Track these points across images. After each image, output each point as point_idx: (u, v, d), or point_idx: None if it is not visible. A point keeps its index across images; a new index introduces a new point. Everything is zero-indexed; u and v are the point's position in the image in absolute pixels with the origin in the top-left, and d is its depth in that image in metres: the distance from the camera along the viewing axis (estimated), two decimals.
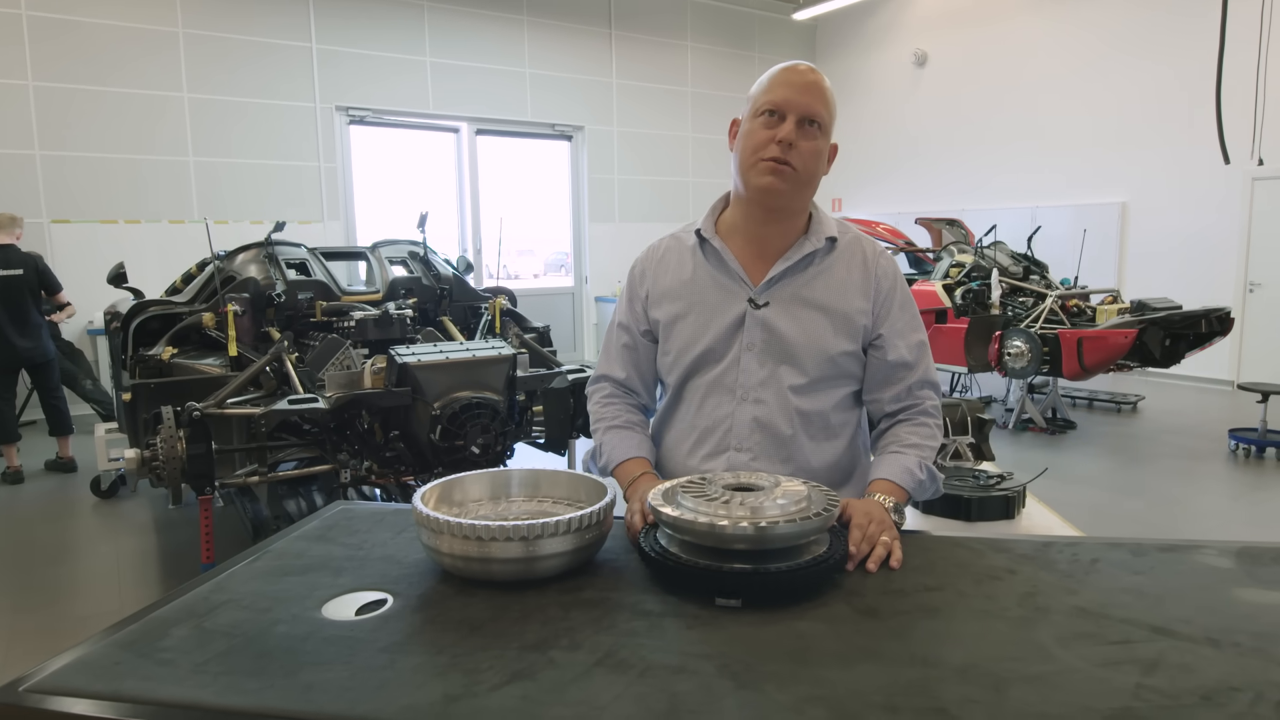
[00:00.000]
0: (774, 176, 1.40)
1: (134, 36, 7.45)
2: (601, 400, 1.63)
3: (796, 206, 1.48)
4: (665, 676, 0.89)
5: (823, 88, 1.42)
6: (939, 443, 1.49)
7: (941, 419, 1.52)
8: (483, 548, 1.09)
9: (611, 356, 1.63)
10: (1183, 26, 8.11)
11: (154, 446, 3.12)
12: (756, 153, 1.41)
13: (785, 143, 1.38)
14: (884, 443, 1.50)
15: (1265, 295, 7.88)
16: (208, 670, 0.92)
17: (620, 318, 1.62)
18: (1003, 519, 2.65)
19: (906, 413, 1.51)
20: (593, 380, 1.66)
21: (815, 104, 1.40)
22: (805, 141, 1.40)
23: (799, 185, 1.43)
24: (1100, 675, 0.88)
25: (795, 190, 1.43)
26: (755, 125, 1.42)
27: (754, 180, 1.43)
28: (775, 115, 1.40)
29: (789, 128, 1.38)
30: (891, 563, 1.20)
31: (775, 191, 1.42)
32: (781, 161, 1.39)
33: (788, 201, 1.45)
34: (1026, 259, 7.18)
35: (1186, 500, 4.84)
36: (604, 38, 10.18)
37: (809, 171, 1.42)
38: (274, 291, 4.14)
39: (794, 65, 1.44)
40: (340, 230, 8.69)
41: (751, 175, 1.43)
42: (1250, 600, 1.08)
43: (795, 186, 1.42)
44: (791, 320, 1.46)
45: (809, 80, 1.41)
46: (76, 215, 7.31)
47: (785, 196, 1.44)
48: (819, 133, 1.41)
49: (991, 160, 9.94)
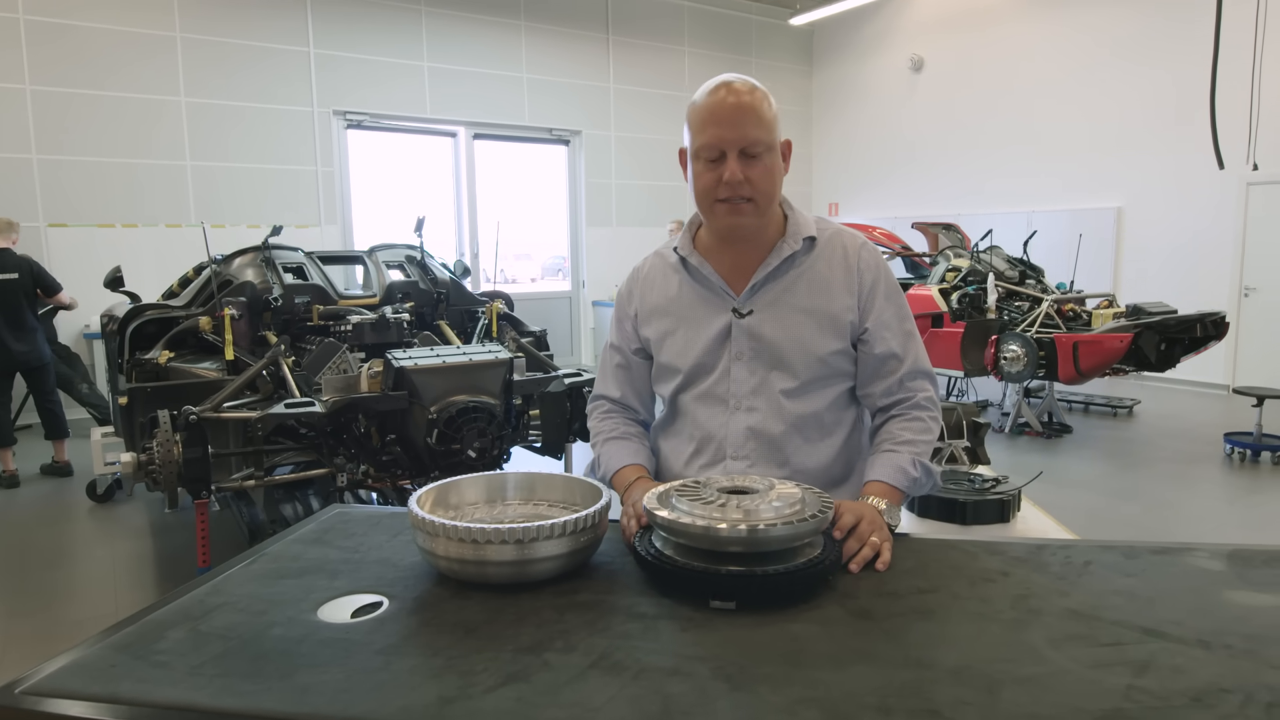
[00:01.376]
0: (734, 217, 1.41)
1: (131, 41, 7.46)
2: (600, 416, 1.66)
3: (764, 225, 1.48)
4: (660, 678, 0.90)
5: (752, 107, 1.36)
6: (935, 435, 1.48)
7: (938, 410, 1.50)
8: (478, 550, 1.10)
9: (607, 377, 1.65)
10: (1178, 32, 8.15)
11: (150, 450, 3.11)
12: (709, 195, 1.40)
13: (734, 182, 1.37)
14: (878, 440, 1.50)
15: (1260, 299, 7.91)
16: (204, 673, 0.92)
17: (612, 339, 1.64)
18: (998, 522, 2.65)
19: (899, 407, 1.50)
20: (591, 399, 1.70)
21: (749, 130, 1.35)
22: (753, 170, 1.37)
23: (760, 212, 1.43)
24: (1092, 677, 0.89)
25: (759, 217, 1.44)
26: (699, 168, 1.40)
27: (716, 222, 1.45)
28: (713, 157, 1.38)
29: (733, 168, 1.36)
30: (878, 565, 1.21)
31: (740, 227, 1.44)
32: (738, 199, 1.39)
33: (755, 229, 1.46)
34: (1022, 263, 7.20)
35: (1182, 504, 4.86)
36: (601, 42, 10.20)
37: (766, 195, 1.41)
38: (271, 295, 4.14)
39: (722, 91, 1.37)
40: (337, 234, 8.69)
41: (712, 218, 1.45)
42: (1241, 602, 1.09)
43: (757, 215, 1.43)
44: (777, 325, 1.47)
45: (736, 106, 1.35)
46: (73, 219, 7.31)
47: (751, 226, 1.45)
48: (764, 151, 1.37)
49: (987, 165, 9.98)
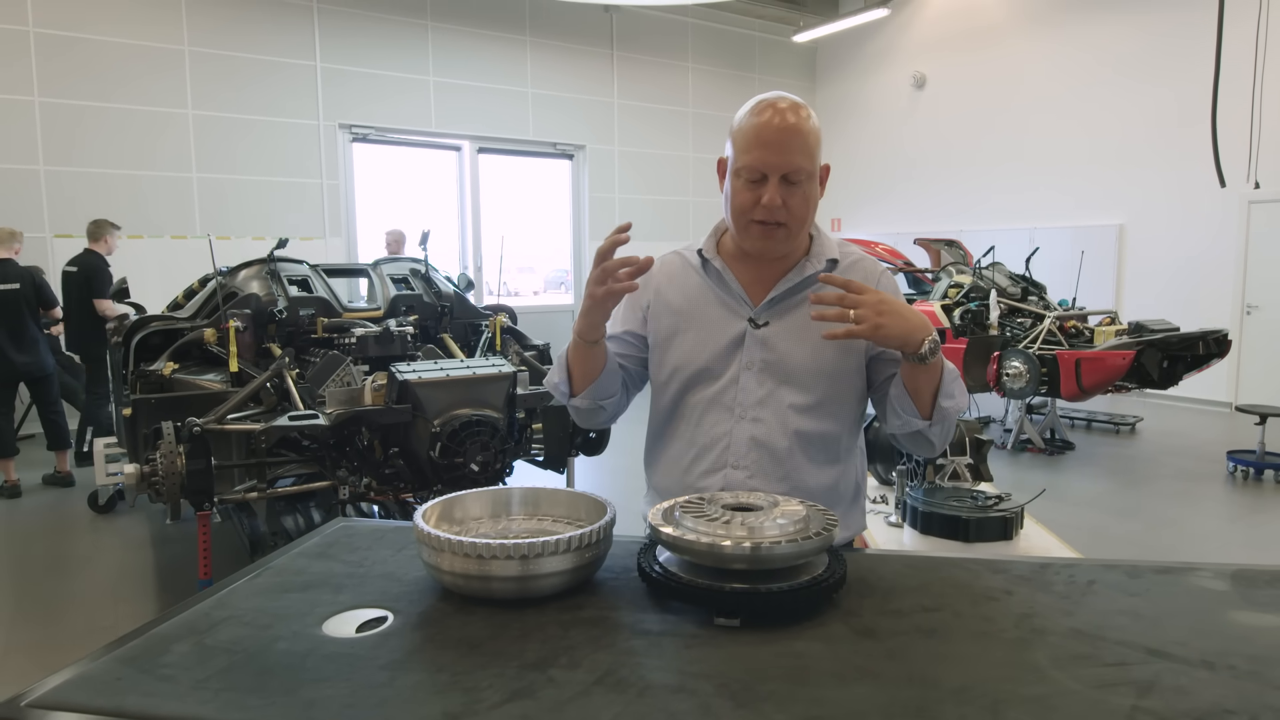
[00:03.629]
0: (766, 240, 1.42)
1: (140, 54, 7.52)
2: None
3: (793, 249, 1.49)
4: (664, 696, 0.90)
5: (802, 132, 1.36)
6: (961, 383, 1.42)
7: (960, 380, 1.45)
8: (483, 566, 1.10)
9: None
10: (1179, 50, 8.19)
11: (154, 462, 3.12)
12: (744, 214, 1.41)
13: (772, 207, 1.37)
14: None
15: (1262, 317, 7.91)
16: (209, 687, 0.92)
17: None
18: (1001, 540, 2.65)
19: None
20: None
21: (795, 158, 1.36)
22: (792, 197, 1.38)
23: (792, 237, 1.44)
24: (1096, 697, 0.89)
25: (789, 242, 1.45)
26: (738, 185, 1.40)
27: (747, 242, 1.45)
28: (755, 177, 1.38)
29: (772, 193, 1.36)
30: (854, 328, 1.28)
31: (770, 250, 1.45)
32: (772, 223, 1.40)
33: (784, 253, 1.48)
34: (1025, 280, 7.21)
35: (1185, 522, 4.84)
36: (606, 58, 10.27)
37: (800, 221, 1.42)
38: (276, 308, 4.16)
39: (770, 110, 1.37)
40: (342, 247, 8.73)
41: (744, 237, 1.45)
42: (1246, 623, 1.09)
43: (788, 240, 1.44)
44: (791, 340, 1.47)
45: (787, 130, 1.35)
46: (79, 230, 7.31)
47: (780, 251, 1.46)
48: (805, 179, 1.38)
49: (990, 181, 10.01)
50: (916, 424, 1.41)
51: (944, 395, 1.38)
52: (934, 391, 1.38)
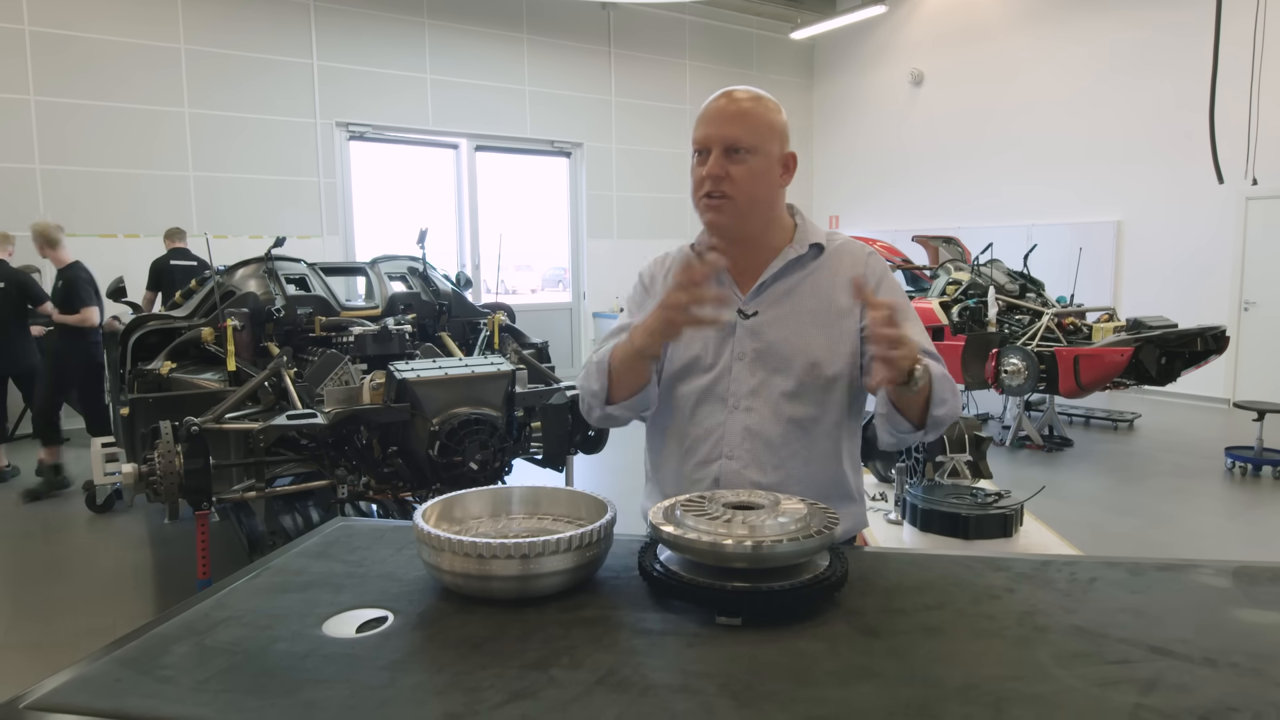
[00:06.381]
0: (712, 212, 1.46)
1: (136, 52, 7.50)
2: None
3: (752, 229, 1.49)
4: (666, 695, 0.89)
5: (751, 112, 1.43)
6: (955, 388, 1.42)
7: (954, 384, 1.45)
8: (483, 565, 1.10)
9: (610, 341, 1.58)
10: (1177, 46, 8.20)
11: (151, 461, 3.11)
12: (697, 190, 1.47)
13: (714, 177, 1.42)
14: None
15: (1260, 314, 7.92)
16: (208, 688, 0.92)
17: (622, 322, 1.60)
18: (1000, 537, 2.65)
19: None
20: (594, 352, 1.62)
21: (734, 131, 1.42)
22: (736, 168, 1.43)
23: (740, 212, 1.46)
24: (1098, 695, 0.89)
25: (739, 218, 1.46)
26: (693, 165, 1.48)
27: (701, 217, 1.49)
28: (703, 153, 1.45)
29: (712, 162, 1.43)
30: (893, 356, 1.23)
31: (718, 225, 1.47)
32: (716, 195, 1.43)
33: (737, 230, 1.48)
34: (1023, 277, 7.22)
35: (1183, 518, 4.85)
36: (603, 56, 10.26)
37: (748, 195, 1.44)
38: (273, 306, 4.15)
39: (720, 97, 1.46)
40: (339, 245, 8.71)
41: (699, 213, 1.49)
42: (1248, 620, 1.09)
43: (736, 215, 1.46)
44: (781, 328, 1.48)
45: (729, 109, 1.44)
46: (76, 229, 7.31)
47: (730, 227, 1.47)
48: (748, 155, 1.43)
49: (987, 178, 10.01)
50: (911, 438, 1.44)
51: (936, 403, 1.38)
52: (925, 402, 1.38)
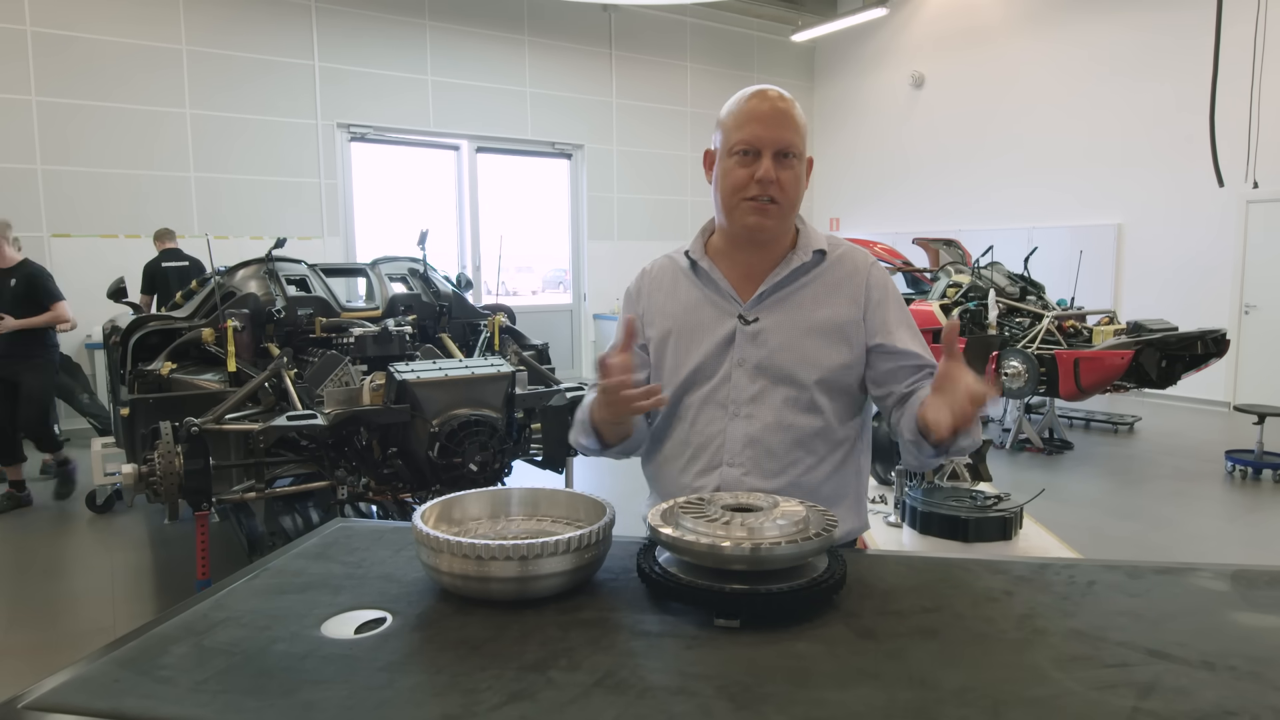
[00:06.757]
0: (759, 216, 1.43)
1: (137, 53, 7.51)
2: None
3: (783, 232, 1.51)
4: (664, 698, 0.89)
5: (792, 115, 1.42)
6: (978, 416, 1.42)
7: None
8: (481, 567, 1.10)
9: None
10: (1178, 49, 8.20)
11: (151, 462, 3.11)
12: (738, 192, 1.43)
13: (766, 181, 1.40)
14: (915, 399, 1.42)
15: (1260, 317, 7.92)
16: (207, 688, 0.92)
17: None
18: (1000, 540, 2.65)
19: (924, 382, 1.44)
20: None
21: (787, 134, 1.40)
22: (784, 173, 1.42)
23: (784, 216, 1.46)
24: (1096, 698, 0.89)
25: (782, 221, 1.47)
26: (731, 164, 1.44)
27: (740, 220, 1.46)
28: (750, 154, 1.41)
29: (767, 165, 1.40)
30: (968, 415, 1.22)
31: (763, 228, 1.45)
32: (765, 199, 1.42)
33: (775, 233, 1.49)
34: (1023, 279, 7.22)
35: (1183, 522, 4.84)
36: (604, 58, 10.26)
37: (792, 200, 1.45)
38: (274, 307, 4.15)
39: (760, 95, 1.43)
40: (340, 247, 8.72)
41: (736, 215, 1.46)
42: (1246, 624, 1.09)
43: (781, 219, 1.46)
44: (782, 335, 1.47)
45: (778, 110, 1.41)
46: (77, 229, 7.34)
47: (773, 230, 1.47)
48: (795, 160, 1.42)
49: (988, 181, 10.01)
50: (933, 462, 1.42)
51: (963, 434, 1.30)
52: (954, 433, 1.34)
